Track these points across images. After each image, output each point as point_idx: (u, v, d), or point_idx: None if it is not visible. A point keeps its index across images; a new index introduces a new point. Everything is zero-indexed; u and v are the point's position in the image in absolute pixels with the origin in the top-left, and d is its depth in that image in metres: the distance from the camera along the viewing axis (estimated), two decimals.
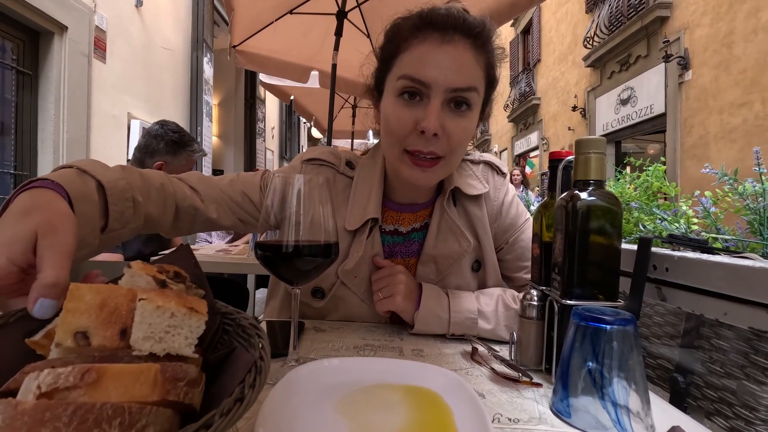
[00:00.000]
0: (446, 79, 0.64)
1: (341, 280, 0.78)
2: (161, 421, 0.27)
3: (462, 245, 0.79)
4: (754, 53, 5.52)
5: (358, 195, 0.78)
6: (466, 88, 0.65)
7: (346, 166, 0.82)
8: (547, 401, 0.51)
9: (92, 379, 0.25)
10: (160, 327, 0.33)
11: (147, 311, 0.33)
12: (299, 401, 0.46)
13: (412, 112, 0.66)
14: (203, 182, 0.75)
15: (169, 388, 0.28)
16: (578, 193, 0.55)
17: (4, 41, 2.82)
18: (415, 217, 0.82)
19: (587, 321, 0.47)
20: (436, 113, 0.64)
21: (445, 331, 0.73)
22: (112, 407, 0.24)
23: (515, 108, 13.33)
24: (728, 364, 0.58)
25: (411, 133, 0.66)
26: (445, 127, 0.65)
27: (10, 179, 2.91)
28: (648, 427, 0.44)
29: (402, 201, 0.81)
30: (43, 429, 0.22)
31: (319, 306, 0.80)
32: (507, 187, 0.87)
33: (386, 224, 0.81)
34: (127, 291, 0.35)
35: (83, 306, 0.33)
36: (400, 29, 0.70)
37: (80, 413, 0.23)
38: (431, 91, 0.65)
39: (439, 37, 0.65)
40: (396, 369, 0.54)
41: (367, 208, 0.76)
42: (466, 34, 0.66)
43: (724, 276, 0.54)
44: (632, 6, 7.51)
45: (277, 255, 0.53)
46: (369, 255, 0.78)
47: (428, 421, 0.44)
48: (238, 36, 2.90)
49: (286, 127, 9.05)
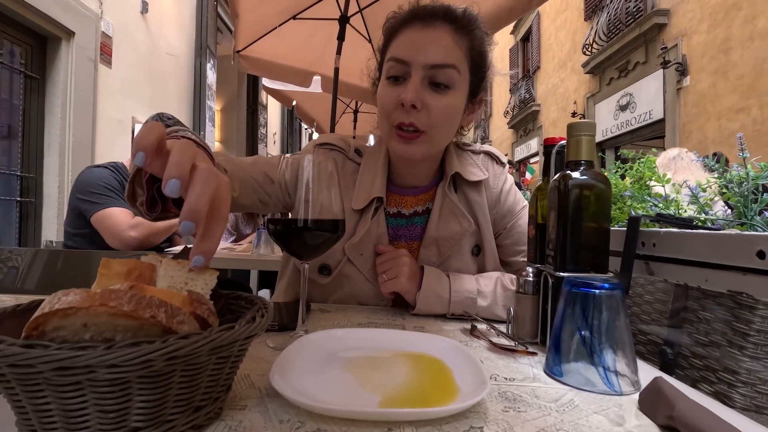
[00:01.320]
0: (425, 57, 0.71)
1: (347, 257, 0.82)
2: (193, 325, 0.32)
3: (463, 225, 0.83)
4: (751, 59, 5.59)
5: (364, 178, 0.84)
6: (443, 64, 0.72)
7: (354, 152, 0.88)
8: (541, 366, 0.54)
9: (139, 291, 0.31)
10: (181, 279, 0.39)
11: (169, 265, 0.39)
12: (309, 360, 0.49)
13: (396, 89, 0.74)
14: (229, 161, 0.78)
15: (196, 306, 0.34)
16: (570, 173, 0.59)
17: (13, 46, 2.88)
18: (416, 200, 0.86)
19: (578, 287, 0.50)
20: (414, 87, 0.71)
21: (445, 310, 0.77)
22: (158, 300, 0.31)
23: (515, 114, 13.42)
24: (712, 333, 0.61)
25: (395, 108, 0.74)
26: (425, 101, 0.72)
27: (16, 181, 2.96)
28: (634, 383, 0.47)
29: (404, 184, 0.86)
30: (110, 302, 0.29)
31: (324, 282, 0.84)
32: (506, 176, 0.92)
33: (390, 207, 0.86)
34: (148, 264, 0.40)
35: (113, 272, 0.39)
36: (392, 24, 0.79)
37: (137, 298, 0.30)
38: (411, 69, 0.72)
39: (420, 24, 0.74)
40: (399, 338, 0.58)
41: (372, 189, 0.82)
42: (447, 20, 0.74)
43: (704, 245, 0.57)
44: (630, 13, 7.61)
45: (288, 230, 0.57)
46: (374, 233, 0.82)
47: (429, 377, 0.47)
48: (242, 41, 2.96)
49: (288, 133, 9.13)
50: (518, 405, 0.43)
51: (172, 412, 0.32)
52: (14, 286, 1.12)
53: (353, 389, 0.43)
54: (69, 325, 0.31)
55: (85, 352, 0.26)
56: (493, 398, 0.44)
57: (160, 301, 0.30)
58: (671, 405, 0.38)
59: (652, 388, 0.42)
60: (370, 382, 0.45)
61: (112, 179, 1.67)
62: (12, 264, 1.11)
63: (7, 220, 2.93)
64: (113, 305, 0.29)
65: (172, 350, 0.29)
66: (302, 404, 0.37)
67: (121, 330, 0.31)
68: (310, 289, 0.86)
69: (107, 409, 0.29)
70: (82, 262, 1.19)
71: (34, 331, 0.30)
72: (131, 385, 0.29)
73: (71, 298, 0.30)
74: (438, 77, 0.72)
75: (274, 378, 0.40)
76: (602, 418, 0.41)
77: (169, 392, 0.31)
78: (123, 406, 0.30)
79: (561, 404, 0.43)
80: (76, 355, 0.26)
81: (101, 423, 0.30)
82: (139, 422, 0.31)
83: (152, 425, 0.31)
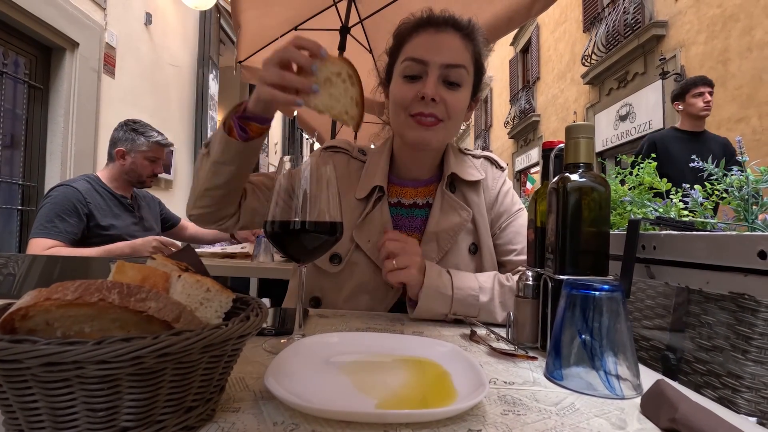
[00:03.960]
0: (441, 57, 0.79)
1: (356, 243, 0.85)
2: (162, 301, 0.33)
3: (462, 216, 0.86)
4: (750, 70, 5.62)
5: (368, 170, 0.91)
6: (456, 64, 0.80)
7: (359, 152, 0.96)
8: (541, 371, 0.53)
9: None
10: (197, 298, 0.38)
11: (188, 283, 0.38)
12: (305, 363, 0.48)
13: (414, 86, 0.81)
14: (256, 173, 0.87)
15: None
16: (569, 176, 0.58)
17: (17, 56, 2.91)
18: (416, 192, 0.91)
19: (578, 289, 0.50)
20: (433, 83, 0.79)
21: (447, 309, 0.75)
22: (111, 282, 0.32)
23: (515, 125, 13.49)
24: (715, 338, 0.60)
25: (414, 100, 0.80)
26: (441, 96, 0.80)
27: (18, 190, 2.97)
28: (636, 386, 0.46)
29: (405, 177, 0.92)
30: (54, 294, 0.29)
31: (335, 271, 0.86)
32: (504, 179, 0.95)
33: (391, 197, 0.91)
34: (162, 272, 0.39)
35: (127, 279, 0.37)
36: (404, 29, 0.87)
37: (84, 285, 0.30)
38: (428, 68, 0.80)
39: (434, 30, 0.82)
40: (396, 342, 0.57)
41: (374, 179, 0.88)
42: (456, 28, 0.83)
43: (705, 247, 0.57)
44: (628, 25, 7.68)
45: (285, 232, 0.57)
46: (379, 220, 0.86)
47: (427, 380, 0.46)
48: (244, 52, 2.99)
49: (289, 143, 9.16)
50: (518, 408, 0.42)
51: (162, 412, 0.32)
52: (11, 293, 1.11)
53: (349, 392, 0.42)
54: (34, 326, 0.30)
55: (73, 348, 0.26)
56: (492, 401, 0.43)
57: (113, 284, 0.30)
58: (674, 407, 0.37)
59: (655, 390, 0.41)
60: (366, 385, 0.44)
61: (66, 203, 1.66)
62: (9, 270, 1.10)
63: (8, 229, 2.93)
64: (57, 297, 0.29)
65: (162, 347, 0.28)
66: (297, 406, 0.36)
67: (86, 320, 0.30)
68: (323, 283, 0.88)
69: (96, 407, 0.29)
70: (79, 269, 1.19)
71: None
72: (121, 382, 0.29)
73: (22, 300, 0.30)
74: (451, 76, 0.80)
75: (268, 380, 0.39)
76: (603, 421, 0.40)
77: (160, 391, 0.31)
78: (112, 405, 0.29)
79: (561, 408, 0.42)
80: (65, 350, 0.26)
81: (90, 422, 0.29)
82: (128, 422, 0.30)
83: (142, 425, 0.30)
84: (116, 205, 1.84)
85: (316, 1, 2.69)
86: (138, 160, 1.85)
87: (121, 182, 1.88)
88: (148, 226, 1.98)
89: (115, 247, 1.65)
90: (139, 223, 1.92)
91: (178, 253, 0.52)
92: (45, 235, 1.59)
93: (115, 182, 1.87)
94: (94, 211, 1.72)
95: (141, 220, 1.95)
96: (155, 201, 2.19)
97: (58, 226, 1.61)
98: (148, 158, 1.87)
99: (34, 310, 0.29)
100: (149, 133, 1.91)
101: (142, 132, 1.90)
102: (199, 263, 0.50)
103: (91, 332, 0.31)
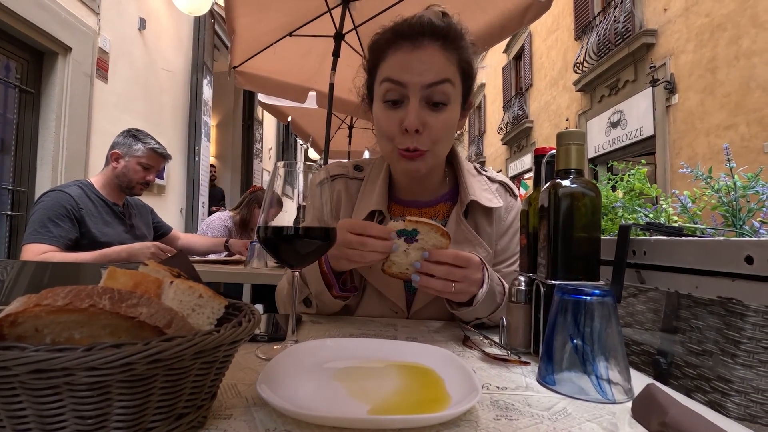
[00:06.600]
0: (420, 78, 0.73)
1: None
2: (154, 307, 0.33)
3: (478, 253, 0.80)
4: (737, 78, 5.72)
5: (365, 192, 0.86)
6: (439, 81, 0.73)
7: (354, 170, 0.90)
8: (534, 376, 0.54)
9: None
10: (189, 304, 0.38)
11: (180, 289, 0.38)
12: (298, 369, 0.48)
13: (396, 113, 0.75)
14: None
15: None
16: (560, 181, 0.59)
17: (8, 61, 2.88)
18: (420, 213, 0.87)
19: (569, 294, 0.50)
20: (415, 111, 0.73)
21: (488, 313, 0.75)
22: (102, 288, 0.31)
23: (509, 131, 13.59)
24: (704, 342, 0.61)
25: (398, 132, 0.75)
26: (426, 122, 0.74)
27: (8, 195, 2.93)
28: (627, 391, 0.47)
29: (407, 198, 0.88)
30: (45, 300, 0.29)
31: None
32: (517, 209, 0.90)
33: (394, 217, 0.85)
34: (154, 278, 0.39)
35: (119, 285, 0.37)
36: (378, 43, 0.79)
37: (75, 291, 0.30)
38: (409, 91, 0.73)
39: (410, 45, 0.74)
40: (390, 348, 0.57)
41: (370, 203, 0.83)
42: (434, 37, 0.74)
43: (694, 252, 0.57)
44: (619, 33, 7.80)
45: (279, 237, 0.57)
46: None
47: (421, 386, 0.46)
48: (238, 57, 2.99)
49: (283, 149, 9.15)
50: (510, 413, 0.42)
51: (153, 419, 0.31)
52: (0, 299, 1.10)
53: (342, 398, 0.42)
54: (23, 333, 0.30)
55: (63, 354, 0.26)
56: (485, 407, 0.43)
57: (104, 289, 0.30)
58: (664, 411, 0.37)
59: (646, 394, 0.42)
60: (359, 390, 0.44)
61: (59, 208, 1.64)
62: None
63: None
64: (47, 303, 0.29)
65: (153, 353, 0.28)
66: (289, 412, 0.36)
67: (75, 327, 0.30)
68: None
69: (85, 414, 0.28)
70: (70, 275, 1.17)
71: None
72: (111, 389, 0.28)
73: (11, 306, 0.29)
74: (435, 96, 0.74)
75: (260, 386, 0.39)
76: (595, 425, 0.40)
77: (151, 398, 0.30)
78: (102, 412, 0.29)
79: (553, 412, 0.43)
80: (54, 357, 0.26)
81: (79, 430, 0.29)
82: (118, 429, 0.30)
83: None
84: (108, 213, 1.82)
85: (311, 7, 2.71)
86: (131, 165, 1.84)
87: (112, 187, 1.86)
88: (139, 234, 1.96)
89: (111, 250, 1.63)
90: (130, 231, 1.91)
91: (171, 259, 0.51)
92: (39, 240, 1.57)
93: (107, 188, 1.86)
94: (86, 217, 1.70)
95: (132, 228, 1.93)
96: (147, 209, 2.17)
97: (51, 230, 1.59)
98: (141, 164, 1.86)
99: (23, 317, 0.29)
100: (148, 140, 1.91)
101: (141, 139, 1.90)
102: (191, 269, 0.49)
103: (81, 338, 0.31)
